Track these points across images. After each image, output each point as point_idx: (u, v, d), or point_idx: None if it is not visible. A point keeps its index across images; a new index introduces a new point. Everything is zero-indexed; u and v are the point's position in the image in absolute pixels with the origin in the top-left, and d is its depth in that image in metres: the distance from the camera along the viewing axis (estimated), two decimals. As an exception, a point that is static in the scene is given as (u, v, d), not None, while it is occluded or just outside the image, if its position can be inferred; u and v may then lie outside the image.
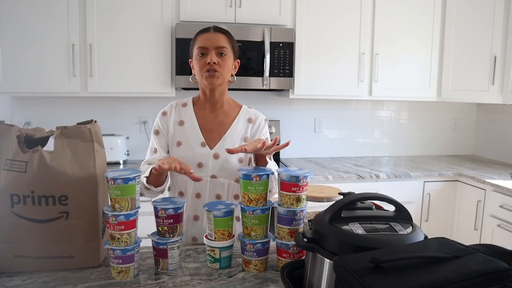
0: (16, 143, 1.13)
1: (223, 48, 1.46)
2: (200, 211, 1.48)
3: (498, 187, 2.52)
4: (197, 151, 1.49)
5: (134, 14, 2.65)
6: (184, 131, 1.52)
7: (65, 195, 1.13)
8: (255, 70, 2.74)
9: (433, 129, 3.57)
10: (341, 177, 2.69)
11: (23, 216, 1.12)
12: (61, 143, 1.15)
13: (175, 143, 1.51)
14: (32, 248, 1.13)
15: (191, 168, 1.24)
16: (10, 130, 1.14)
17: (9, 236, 1.13)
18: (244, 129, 1.56)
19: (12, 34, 2.53)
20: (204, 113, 1.54)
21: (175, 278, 1.12)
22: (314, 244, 0.91)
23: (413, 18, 3.02)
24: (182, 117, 1.54)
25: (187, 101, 1.58)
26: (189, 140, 1.51)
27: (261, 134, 1.59)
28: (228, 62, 1.48)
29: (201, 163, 1.49)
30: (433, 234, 2.74)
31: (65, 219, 1.13)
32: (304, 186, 1.14)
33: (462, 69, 3.01)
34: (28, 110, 2.92)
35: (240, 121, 1.56)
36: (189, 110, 1.55)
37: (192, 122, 1.53)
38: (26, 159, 1.12)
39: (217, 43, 1.45)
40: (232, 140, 1.52)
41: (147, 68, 2.68)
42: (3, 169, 1.11)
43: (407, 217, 0.97)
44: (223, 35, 1.48)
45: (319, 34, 2.89)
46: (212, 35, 1.46)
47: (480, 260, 0.73)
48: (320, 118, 3.35)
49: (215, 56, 1.44)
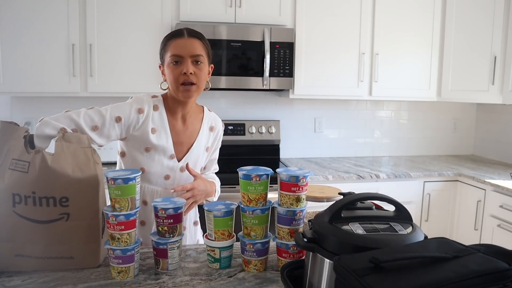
0: (23, 144, 1.14)
1: (199, 56, 1.36)
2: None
3: (498, 187, 2.52)
4: (165, 164, 1.44)
5: (134, 14, 2.65)
6: (155, 139, 1.41)
7: (66, 196, 1.13)
8: (255, 70, 2.74)
9: (433, 129, 3.57)
10: (341, 177, 2.69)
11: (24, 216, 1.12)
12: (61, 146, 1.16)
13: (143, 147, 1.40)
14: (32, 248, 1.13)
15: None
16: (19, 130, 1.16)
17: (10, 235, 1.13)
18: (207, 139, 1.54)
19: (12, 34, 2.53)
20: (176, 124, 1.46)
21: (175, 278, 1.12)
22: (314, 244, 0.91)
23: (413, 18, 3.02)
24: (155, 123, 1.41)
25: (158, 102, 1.43)
26: (159, 150, 1.42)
27: (218, 142, 1.61)
28: (204, 71, 1.40)
29: (168, 175, 1.46)
30: (433, 234, 2.74)
31: (66, 220, 1.13)
32: (304, 186, 1.14)
33: (462, 69, 3.01)
34: (28, 110, 2.92)
35: (204, 131, 1.53)
36: (162, 118, 1.43)
37: (166, 134, 1.43)
38: (29, 159, 1.12)
39: (193, 51, 1.35)
40: (197, 152, 1.51)
41: (147, 68, 2.68)
42: (9, 168, 1.12)
43: (407, 217, 0.97)
44: (199, 40, 1.38)
45: (319, 34, 2.89)
46: (186, 41, 1.36)
47: (480, 260, 0.73)
48: (320, 118, 3.35)
49: (191, 65, 1.35)
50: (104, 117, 1.33)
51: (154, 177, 1.45)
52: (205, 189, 1.43)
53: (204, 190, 1.43)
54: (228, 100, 3.15)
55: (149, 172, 1.44)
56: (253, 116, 3.20)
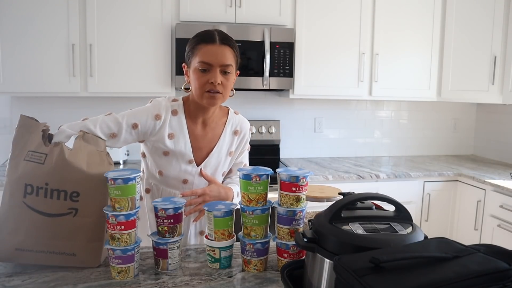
0: (41, 137, 1.17)
1: (229, 66, 1.31)
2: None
3: (498, 187, 2.52)
4: (183, 168, 1.43)
5: (134, 14, 2.65)
6: (173, 145, 1.40)
7: (77, 191, 1.14)
8: (255, 70, 2.74)
9: (433, 129, 3.57)
10: (341, 177, 2.69)
11: (33, 208, 1.13)
12: (79, 144, 1.20)
13: (162, 151, 1.41)
14: (35, 241, 1.14)
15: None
16: (38, 125, 1.19)
17: (15, 226, 1.14)
18: (230, 143, 1.51)
19: (12, 34, 2.53)
20: (196, 129, 1.43)
21: (175, 278, 1.12)
22: (314, 244, 0.91)
23: (413, 18, 3.02)
24: (172, 129, 1.40)
25: (177, 107, 1.41)
26: (177, 155, 1.41)
27: (244, 146, 1.57)
28: (231, 80, 1.35)
29: (186, 179, 1.46)
30: (433, 234, 2.74)
31: (73, 216, 1.14)
32: (304, 186, 1.14)
33: (462, 69, 3.01)
34: (28, 110, 2.92)
35: (227, 135, 1.49)
36: (181, 123, 1.41)
37: (184, 139, 1.41)
38: (47, 151, 1.15)
39: (223, 61, 1.30)
40: (218, 157, 1.48)
41: (147, 68, 2.68)
42: (24, 159, 1.15)
43: (407, 217, 0.97)
44: (230, 48, 1.33)
45: (319, 34, 2.89)
46: (218, 48, 1.30)
47: (480, 260, 0.73)
48: (320, 118, 3.35)
49: (220, 75, 1.30)
50: (121, 124, 1.33)
51: (172, 181, 1.45)
52: (218, 195, 1.39)
53: (216, 196, 1.39)
54: (228, 100, 3.14)
55: (167, 176, 1.44)
56: (253, 116, 3.19)
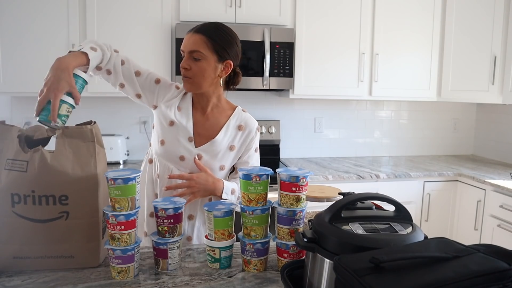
0: (17, 143, 1.13)
1: (196, 52, 1.38)
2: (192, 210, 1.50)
3: (498, 187, 2.52)
4: (182, 143, 1.46)
5: (134, 14, 2.65)
6: (178, 116, 1.48)
7: (66, 194, 1.13)
8: (255, 70, 2.74)
9: (433, 129, 3.57)
10: (341, 177, 2.69)
11: (24, 216, 1.12)
12: (62, 143, 1.15)
13: (169, 120, 1.47)
14: (32, 248, 1.13)
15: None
16: (11, 130, 1.14)
17: (9, 236, 1.12)
18: (232, 137, 1.51)
19: (12, 34, 2.53)
20: (196, 113, 1.51)
21: (175, 278, 1.12)
22: (314, 244, 0.91)
23: (413, 18, 3.02)
24: (181, 104, 1.50)
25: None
26: (179, 128, 1.46)
27: (250, 144, 1.54)
28: (202, 67, 1.39)
29: (183, 156, 1.46)
30: (433, 234, 2.74)
31: (65, 219, 1.13)
32: (304, 186, 1.14)
33: (462, 69, 3.02)
34: (28, 110, 2.92)
35: (229, 129, 1.51)
36: (188, 103, 1.50)
37: (187, 116, 1.48)
38: (27, 158, 1.11)
39: (190, 47, 1.39)
40: (218, 147, 1.48)
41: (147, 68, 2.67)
42: (4, 168, 1.11)
43: (407, 217, 0.97)
44: (202, 36, 1.38)
45: (319, 34, 2.89)
46: (191, 36, 1.40)
47: (480, 260, 0.73)
48: (320, 118, 3.35)
49: (187, 60, 1.40)
50: (147, 71, 1.52)
51: (170, 154, 1.46)
52: (205, 183, 1.41)
53: (203, 184, 1.40)
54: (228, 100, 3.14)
55: (167, 146, 1.46)
56: (253, 116, 3.19)
